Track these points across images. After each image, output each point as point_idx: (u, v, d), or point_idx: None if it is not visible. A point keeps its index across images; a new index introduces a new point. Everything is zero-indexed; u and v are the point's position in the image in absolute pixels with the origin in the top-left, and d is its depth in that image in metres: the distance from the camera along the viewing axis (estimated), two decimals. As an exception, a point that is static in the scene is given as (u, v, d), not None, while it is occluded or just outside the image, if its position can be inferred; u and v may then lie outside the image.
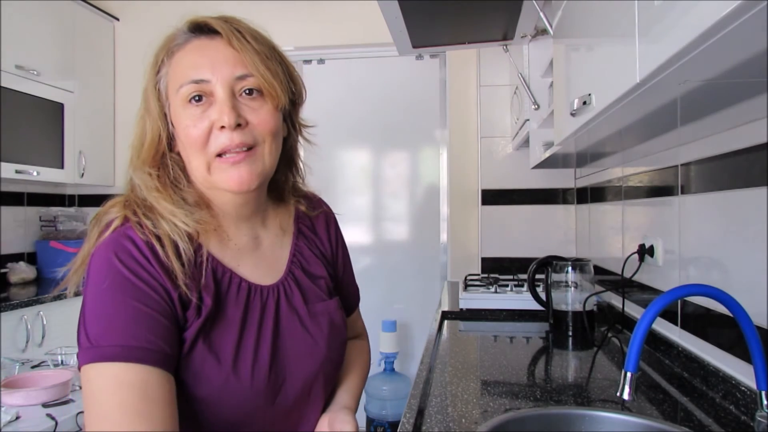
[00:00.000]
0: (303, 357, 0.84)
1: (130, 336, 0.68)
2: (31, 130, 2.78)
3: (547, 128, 1.96)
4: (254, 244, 0.87)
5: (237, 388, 0.76)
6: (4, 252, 2.95)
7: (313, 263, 0.92)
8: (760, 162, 0.99)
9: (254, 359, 0.79)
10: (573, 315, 1.76)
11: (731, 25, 0.51)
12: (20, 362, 1.63)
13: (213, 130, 0.75)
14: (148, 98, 0.80)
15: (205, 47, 0.77)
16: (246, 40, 0.77)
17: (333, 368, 0.91)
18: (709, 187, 1.20)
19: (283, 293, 0.86)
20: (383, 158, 3.29)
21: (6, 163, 2.58)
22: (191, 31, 0.79)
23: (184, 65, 0.77)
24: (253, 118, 0.76)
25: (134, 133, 0.83)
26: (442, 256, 3.18)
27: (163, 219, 0.76)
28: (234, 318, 0.79)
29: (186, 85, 0.75)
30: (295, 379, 0.83)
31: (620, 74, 0.78)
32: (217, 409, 0.76)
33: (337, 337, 0.91)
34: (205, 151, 0.76)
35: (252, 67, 0.76)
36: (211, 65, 0.75)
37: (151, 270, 0.73)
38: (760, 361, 0.83)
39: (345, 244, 1.03)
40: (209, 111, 0.75)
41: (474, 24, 1.85)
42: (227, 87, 0.75)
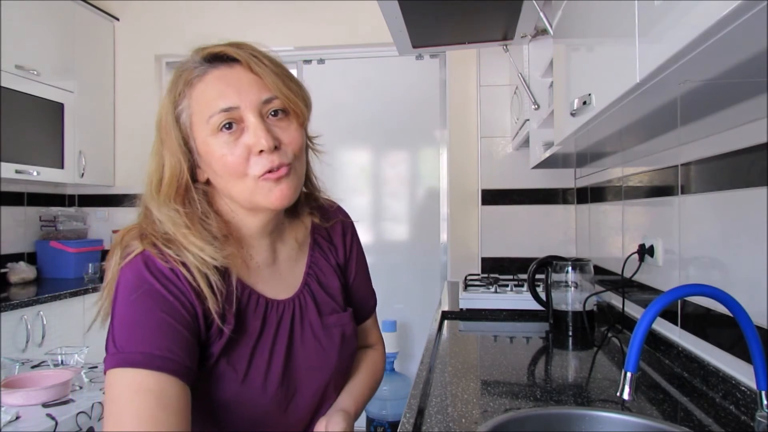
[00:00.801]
0: (314, 369, 0.88)
1: (153, 345, 0.71)
2: (31, 130, 2.78)
3: (547, 128, 1.96)
4: (272, 259, 0.90)
5: (248, 398, 0.80)
6: (4, 252, 2.95)
7: (328, 275, 0.95)
8: (760, 162, 0.99)
9: (266, 371, 0.82)
10: (573, 315, 1.76)
11: (731, 25, 0.51)
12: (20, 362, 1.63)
13: (251, 156, 0.77)
14: (167, 131, 0.81)
15: (227, 76, 0.78)
16: (264, 63, 0.79)
17: (342, 378, 0.95)
18: (709, 187, 1.20)
19: (298, 307, 0.89)
20: (383, 158, 3.29)
21: (6, 163, 2.58)
22: (208, 61, 0.79)
23: (210, 96, 0.78)
24: (285, 138, 0.79)
25: (150, 167, 0.83)
26: (442, 256, 3.18)
27: (190, 252, 0.77)
28: (251, 333, 0.82)
29: (216, 115, 0.76)
30: (306, 390, 0.86)
31: (620, 74, 0.78)
32: (229, 417, 0.80)
33: (348, 349, 0.94)
34: (246, 176, 0.78)
35: (275, 90, 0.78)
36: (237, 92, 0.77)
37: (179, 285, 0.76)
38: (760, 361, 0.83)
39: (361, 252, 1.03)
40: (242, 137, 0.77)
41: (474, 24, 1.85)
42: (256, 111, 0.77)
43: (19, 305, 2.33)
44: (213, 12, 3.33)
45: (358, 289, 1.02)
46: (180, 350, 0.72)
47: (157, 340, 0.71)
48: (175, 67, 0.84)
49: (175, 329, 0.73)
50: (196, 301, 0.76)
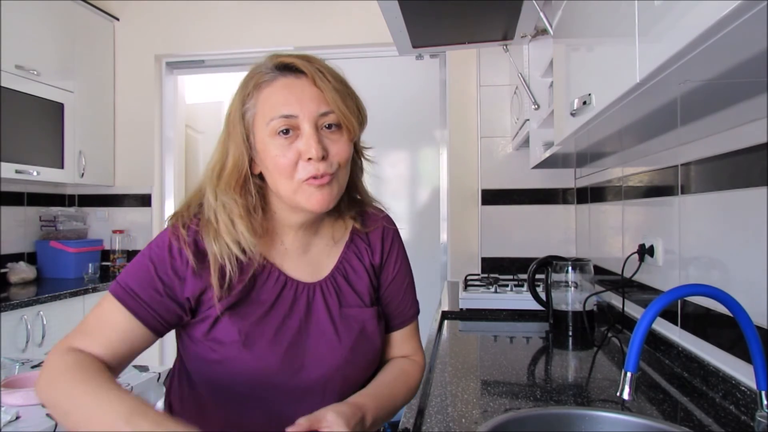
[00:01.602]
0: (324, 351, 0.91)
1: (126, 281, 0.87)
2: (31, 130, 2.78)
3: (547, 128, 1.96)
4: (303, 250, 0.96)
5: (249, 361, 0.86)
6: (4, 252, 2.95)
7: (359, 272, 0.98)
8: (760, 162, 0.99)
9: (272, 340, 0.88)
10: (573, 315, 1.76)
11: (731, 25, 0.51)
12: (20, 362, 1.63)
13: (300, 161, 0.85)
14: (233, 124, 0.89)
15: (292, 86, 0.86)
16: (327, 79, 0.86)
17: (357, 373, 0.94)
18: (709, 187, 1.20)
19: (320, 291, 0.94)
20: (383, 158, 3.28)
21: (6, 163, 2.58)
22: (278, 69, 0.87)
23: (274, 101, 0.86)
24: (333, 149, 0.86)
25: (214, 155, 0.92)
26: (442, 256, 3.18)
27: (217, 242, 0.87)
28: (264, 302, 0.90)
29: (276, 119, 0.85)
30: (311, 369, 0.89)
31: (620, 74, 0.78)
32: (230, 376, 0.88)
33: (365, 344, 0.94)
34: (293, 178, 0.86)
35: (333, 105, 0.85)
36: (299, 102, 0.85)
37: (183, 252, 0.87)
38: (760, 361, 0.83)
39: (401, 258, 1.04)
40: (296, 143, 0.85)
41: (474, 24, 1.85)
42: (312, 122, 0.85)
43: (19, 305, 2.33)
44: (213, 12, 3.33)
45: (396, 294, 1.03)
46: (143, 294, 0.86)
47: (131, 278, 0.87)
48: (250, 68, 0.92)
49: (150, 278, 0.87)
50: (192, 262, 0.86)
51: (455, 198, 3.04)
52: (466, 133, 3.01)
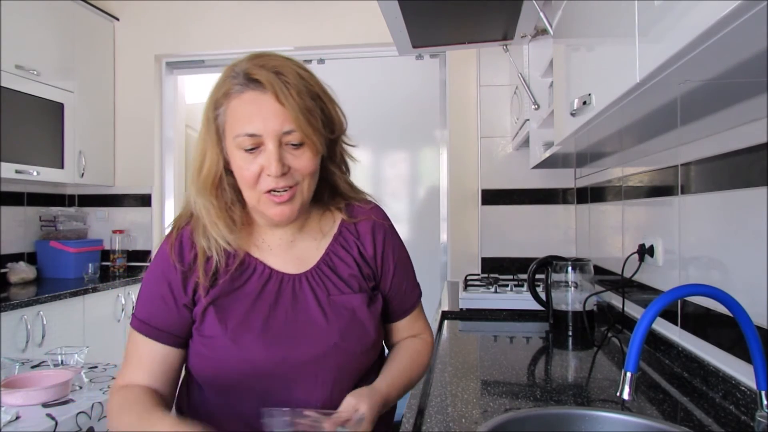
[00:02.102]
0: (313, 336, 0.93)
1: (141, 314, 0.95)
2: (31, 130, 2.78)
3: (547, 128, 1.96)
4: (288, 246, 1.00)
5: (237, 354, 0.91)
6: (4, 252, 2.95)
7: (348, 261, 1.00)
8: (760, 162, 0.99)
9: (260, 332, 0.92)
10: (573, 315, 1.76)
11: (731, 25, 0.51)
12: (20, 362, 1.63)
13: (262, 174, 0.89)
14: (208, 125, 0.94)
15: (257, 102, 0.88)
16: (291, 96, 0.87)
17: (349, 358, 0.95)
18: (709, 187, 1.20)
19: (306, 281, 0.97)
20: (383, 158, 3.28)
21: (6, 163, 2.58)
22: (247, 80, 0.89)
23: (240, 115, 0.89)
24: (296, 164, 0.90)
25: (195, 152, 0.96)
26: (442, 256, 3.18)
27: (205, 237, 0.94)
28: (249, 295, 0.94)
29: (241, 137, 0.88)
30: (300, 354, 0.92)
31: (620, 74, 0.78)
32: (222, 370, 0.92)
33: (357, 329, 0.95)
34: (255, 189, 0.90)
35: (294, 123, 0.87)
36: (263, 120, 0.87)
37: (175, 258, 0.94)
38: (760, 361, 0.83)
39: (397, 250, 1.06)
40: (259, 157, 0.89)
41: (474, 24, 1.85)
42: (276, 140, 0.88)
43: (19, 305, 2.33)
44: (213, 12, 3.33)
45: (400, 285, 1.06)
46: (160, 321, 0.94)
47: (145, 308, 0.95)
48: (226, 67, 0.94)
49: (160, 298, 0.94)
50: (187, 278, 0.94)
51: (455, 198, 3.04)
52: (466, 133, 3.01)
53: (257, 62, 0.90)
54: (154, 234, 3.43)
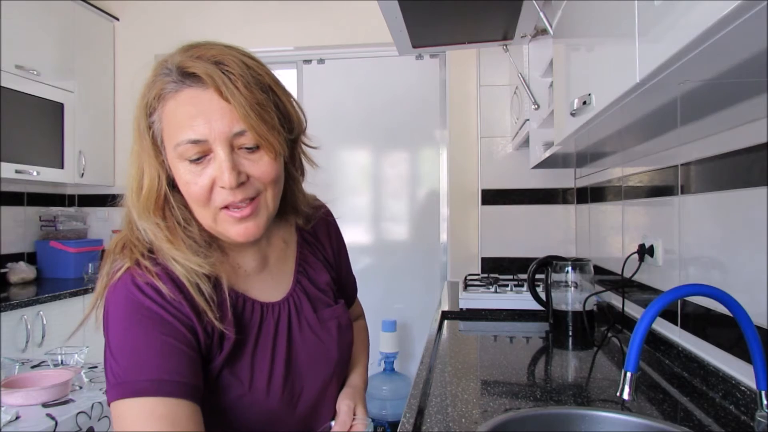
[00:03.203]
0: (317, 364, 0.89)
1: (160, 370, 0.69)
2: (31, 130, 2.78)
3: (547, 128, 1.96)
4: (262, 265, 0.88)
5: (255, 402, 0.80)
6: (4, 252, 2.95)
7: (318, 269, 0.96)
8: (760, 162, 0.99)
9: (270, 375, 0.82)
10: (573, 315, 1.76)
11: (731, 25, 0.51)
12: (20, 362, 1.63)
13: (215, 187, 0.74)
14: (141, 136, 0.78)
15: (197, 98, 0.72)
16: (238, 90, 0.71)
17: (344, 368, 0.97)
18: (709, 187, 1.20)
19: (293, 306, 0.88)
20: (383, 158, 3.28)
21: (6, 163, 2.58)
22: (182, 75, 0.74)
23: (179, 119, 0.73)
24: (254, 171, 0.75)
25: (129, 169, 0.80)
26: (442, 256, 3.18)
27: (178, 263, 0.75)
28: (250, 339, 0.81)
29: (183, 145, 0.72)
30: (311, 386, 0.87)
31: (620, 74, 0.78)
32: (238, 420, 0.80)
33: (345, 339, 0.95)
34: (208, 206, 0.75)
35: (245, 122, 0.72)
36: (207, 122, 0.71)
37: (173, 302, 0.73)
38: (760, 361, 0.83)
39: (344, 242, 1.07)
40: (208, 168, 0.73)
41: (474, 24, 1.85)
42: (226, 145, 0.72)
43: (19, 305, 2.33)
44: (213, 12, 3.33)
45: (347, 277, 1.08)
46: (186, 371, 0.71)
47: (162, 364, 0.70)
48: (153, 66, 0.79)
49: (177, 349, 0.71)
50: (192, 315, 0.74)
51: (455, 198, 3.04)
52: (466, 133, 3.01)
53: (192, 53, 0.75)
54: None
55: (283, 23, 3.26)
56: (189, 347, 0.73)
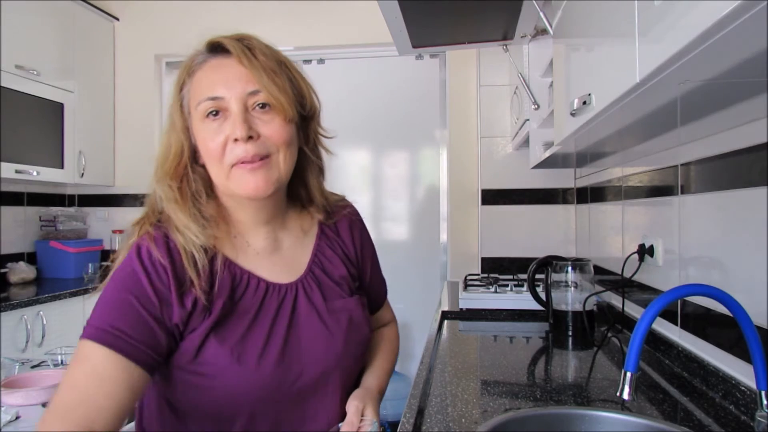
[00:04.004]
0: (319, 350, 0.89)
1: (107, 321, 0.77)
2: (31, 130, 2.78)
3: (547, 128, 1.96)
4: (274, 247, 0.93)
5: (243, 375, 0.82)
6: (4, 252, 2.95)
7: (335, 263, 0.98)
8: (760, 162, 0.99)
9: (262, 350, 0.84)
10: (573, 315, 1.76)
11: (731, 25, 0.51)
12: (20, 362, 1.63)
13: (228, 143, 0.82)
14: (173, 114, 0.88)
15: (220, 66, 0.84)
16: (255, 57, 0.83)
17: (352, 363, 0.95)
18: (709, 187, 1.20)
19: (302, 290, 0.91)
20: (383, 158, 3.29)
21: (6, 163, 2.58)
22: (209, 51, 0.86)
23: (203, 84, 0.84)
24: (266, 131, 0.83)
25: (160, 148, 0.89)
26: (442, 256, 3.18)
27: (178, 232, 0.83)
28: (247, 314, 0.85)
29: (203, 102, 0.82)
30: (310, 370, 0.88)
31: (620, 74, 0.78)
32: (227, 394, 0.82)
33: (357, 333, 0.95)
34: (222, 162, 0.83)
35: (259, 83, 0.82)
36: (225, 82, 0.82)
37: (159, 269, 0.80)
38: (760, 361, 0.83)
39: (371, 245, 1.09)
40: (224, 125, 0.82)
41: (474, 24, 1.85)
42: (240, 102, 0.82)
43: (19, 305, 2.33)
44: (213, 12, 3.33)
45: (374, 280, 1.09)
46: (133, 331, 0.76)
47: (111, 317, 0.77)
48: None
49: (135, 312, 0.78)
50: (173, 284, 0.80)
51: (455, 198, 3.04)
52: (466, 133, 3.01)
53: (216, 37, 0.87)
54: (154, 234, 3.42)
55: (283, 23, 3.26)
56: (151, 315, 0.79)
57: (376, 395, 0.95)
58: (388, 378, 1.03)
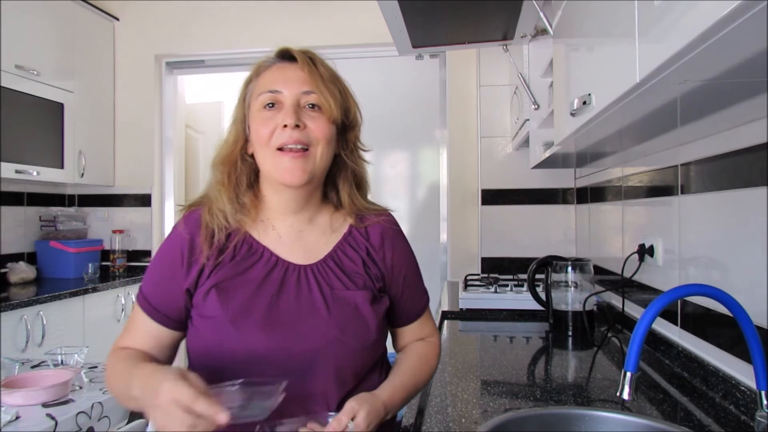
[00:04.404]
0: (313, 328, 0.94)
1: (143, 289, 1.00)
2: (31, 130, 2.78)
3: (547, 128, 1.96)
4: (297, 237, 1.02)
5: (238, 339, 0.91)
6: (4, 252, 2.95)
7: (354, 260, 1.02)
8: (760, 162, 0.99)
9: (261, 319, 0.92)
10: (573, 315, 1.76)
11: (731, 25, 0.51)
12: (20, 362, 1.63)
13: (277, 129, 0.94)
14: (235, 108, 1.02)
15: (284, 68, 0.99)
16: (315, 66, 0.98)
17: (347, 353, 0.94)
18: (709, 187, 1.20)
19: (311, 273, 0.99)
20: (383, 158, 3.28)
21: (6, 163, 2.58)
22: (278, 57, 1.01)
23: (267, 80, 0.98)
24: (311, 124, 0.95)
25: (225, 137, 1.03)
26: (442, 256, 3.18)
27: (210, 213, 0.98)
28: (252, 282, 0.96)
29: (264, 94, 0.96)
30: (299, 344, 0.92)
31: (620, 74, 0.78)
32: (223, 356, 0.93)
33: (358, 325, 0.96)
34: (269, 145, 0.95)
35: (314, 86, 0.96)
36: (286, 81, 0.96)
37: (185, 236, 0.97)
38: (760, 361, 0.83)
39: (407, 254, 1.11)
40: (277, 115, 0.95)
41: (474, 24, 1.85)
42: (294, 98, 0.95)
43: (19, 305, 2.33)
44: (213, 12, 3.33)
45: (408, 290, 1.09)
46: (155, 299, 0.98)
47: (145, 285, 1.00)
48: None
49: (160, 280, 0.98)
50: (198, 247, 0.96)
51: (455, 198, 3.04)
52: (466, 133, 3.01)
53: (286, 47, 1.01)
54: (153, 234, 3.43)
55: (282, 23, 3.26)
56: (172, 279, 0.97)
57: (378, 405, 0.91)
58: (405, 392, 0.99)
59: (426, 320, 1.13)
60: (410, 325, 1.10)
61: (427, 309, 1.14)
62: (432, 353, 1.10)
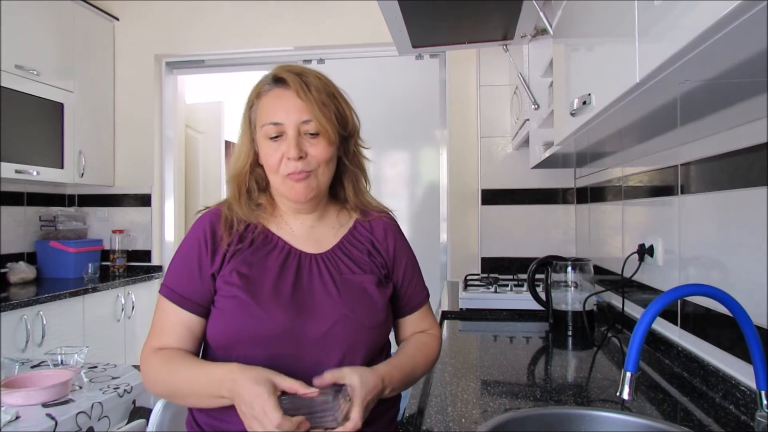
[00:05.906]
0: (325, 307, 1.02)
1: (171, 280, 1.06)
2: (31, 130, 2.78)
3: (547, 128, 1.96)
4: (308, 231, 1.12)
5: (257, 311, 0.99)
6: (4, 252, 2.95)
7: (360, 249, 1.12)
8: (760, 162, 0.99)
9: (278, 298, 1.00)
10: (573, 315, 1.76)
11: (731, 25, 0.51)
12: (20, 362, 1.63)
13: (283, 159, 1.03)
14: (244, 124, 1.10)
15: (282, 96, 1.04)
16: (310, 92, 1.03)
17: (356, 330, 1.01)
18: (709, 187, 1.20)
19: (322, 261, 1.08)
20: (383, 158, 3.28)
21: (6, 163, 2.58)
22: (273, 81, 1.07)
23: (267, 109, 1.05)
24: (312, 151, 1.04)
25: (236, 148, 1.12)
26: (442, 256, 3.17)
27: (230, 208, 1.09)
28: (270, 267, 1.05)
29: (267, 125, 1.04)
30: (313, 322, 1.00)
31: (620, 74, 0.78)
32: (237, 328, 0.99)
33: (366, 303, 1.04)
34: (278, 173, 1.05)
35: (311, 113, 1.02)
36: (285, 111, 1.03)
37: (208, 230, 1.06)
38: (760, 361, 0.83)
39: (407, 250, 1.19)
40: (282, 145, 1.03)
41: (474, 24, 1.85)
42: (295, 128, 1.03)
43: (19, 305, 2.33)
44: (213, 12, 3.33)
45: (409, 281, 1.16)
46: (181, 288, 1.04)
47: (170, 276, 1.06)
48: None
49: (185, 269, 1.04)
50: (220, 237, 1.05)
51: (455, 198, 3.04)
52: (466, 133, 3.01)
53: (284, 68, 1.07)
54: (153, 234, 3.43)
55: (283, 23, 3.26)
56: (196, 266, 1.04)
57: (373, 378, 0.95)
58: (403, 373, 1.03)
59: (427, 313, 1.19)
60: (411, 316, 1.16)
61: (427, 303, 1.20)
62: (432, 343, 1.15)
